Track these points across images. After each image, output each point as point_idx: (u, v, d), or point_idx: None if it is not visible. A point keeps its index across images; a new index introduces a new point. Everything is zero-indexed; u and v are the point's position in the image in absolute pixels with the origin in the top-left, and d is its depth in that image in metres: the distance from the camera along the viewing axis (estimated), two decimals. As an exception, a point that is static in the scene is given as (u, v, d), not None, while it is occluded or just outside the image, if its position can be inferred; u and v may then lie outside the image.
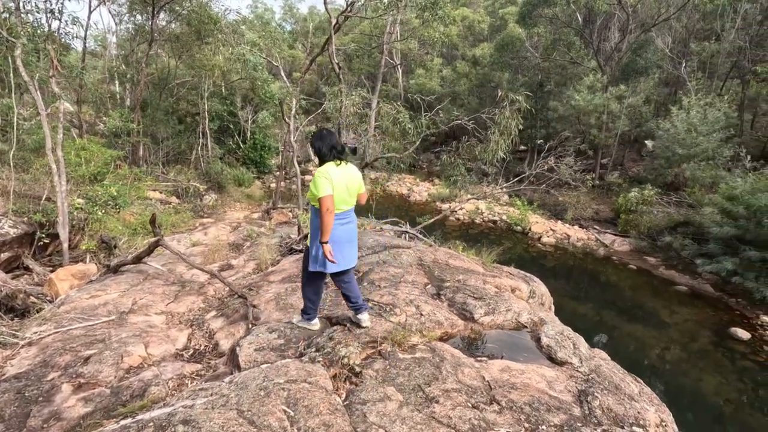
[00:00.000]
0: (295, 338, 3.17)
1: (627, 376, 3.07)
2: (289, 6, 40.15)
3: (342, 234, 2.85)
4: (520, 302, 3.96)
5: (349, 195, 2.87)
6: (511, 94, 5.91)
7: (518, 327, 3.58)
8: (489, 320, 3.56)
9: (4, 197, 6.52)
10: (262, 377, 2.29)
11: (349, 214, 2.92)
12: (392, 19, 9.92)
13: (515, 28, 21.19)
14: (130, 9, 14.17)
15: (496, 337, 3.40)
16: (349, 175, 2.84)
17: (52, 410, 2.43)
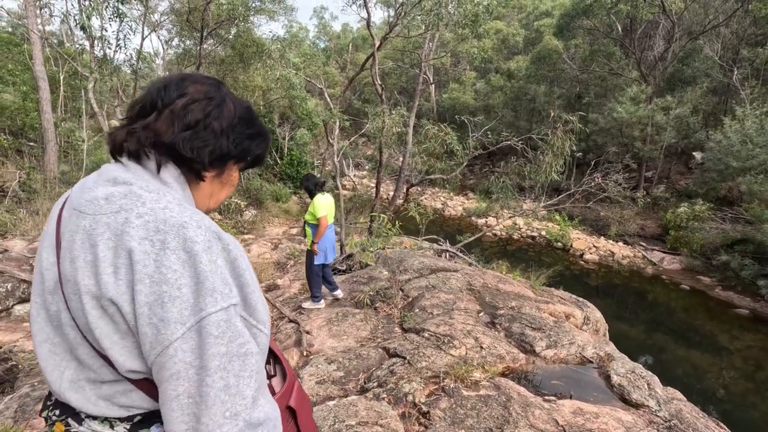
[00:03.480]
0: (354, 370, 3.14)
1: (710, 421, 2.85)
2: (323, 24, 41.33)
3: (332, 237, 4.48)
4: (582, 334, 3.79)
5: (330, 213, 4.36)
6: (564, 115, 5.77)
7: (583, 362, 3.41)
8: (552, 354, 3.41)
9: (68, 218, 6.91)
10: (332, 417, 2.27)
11: (331, 226, 4.45)
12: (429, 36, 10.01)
13: (551, 40, 20.86)
14: (180, 35, 14.96)
15: (561, 373, 3.24)
16: (329, 200, 4.35)
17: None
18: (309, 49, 19.33)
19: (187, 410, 0.61)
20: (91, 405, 0.70)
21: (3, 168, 8.89)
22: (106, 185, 0.69)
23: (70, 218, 0.69)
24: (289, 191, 19.26)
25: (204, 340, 0.62)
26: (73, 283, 0.65)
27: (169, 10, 16.52)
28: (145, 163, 0.73)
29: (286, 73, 9.54)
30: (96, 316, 0.63)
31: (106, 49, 4.86)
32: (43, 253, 0.73)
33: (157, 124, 0.73)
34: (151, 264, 0.61)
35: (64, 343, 0.70)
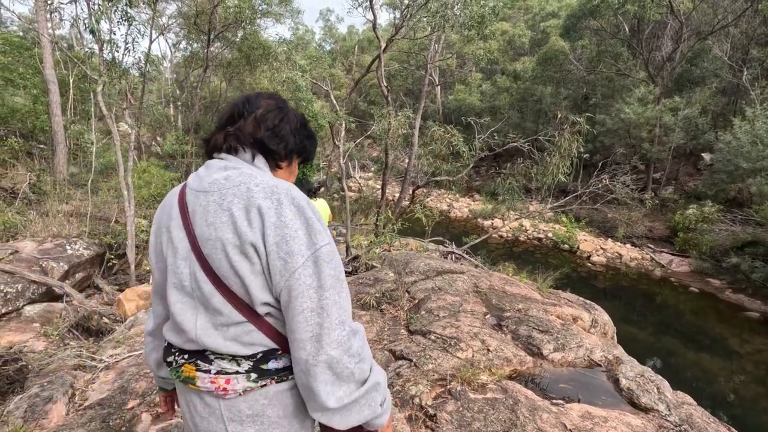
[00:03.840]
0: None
1: (721, 426, 2.81)
2: (329, 27, 41.47)
3: None
4: (590, 337, 3.75)
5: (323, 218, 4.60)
6: (571, 116, 5.72)
7: (591, 365, 3.38)
8: (559, 357, 3.38)
9: (78, 219, 7.00)
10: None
11: None
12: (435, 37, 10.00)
13: (558, 41, 20.76)
14: (187, 38, 15.09)
15: (569, 377, 3.22)
16: (322, 205, 4.57)
17: (135, 441, 2.50)
18: (315, 52, 19.41)
19: (311, 320, 0.83)
20: (222, 345, 0.87)
21: (14, 170, 9.01)
22: (220, 171, 0.92)
23: (197, 198, 0.90)
24: (295, 193, 19.33)
25: (319, 267, 0.84)
26: (214, 240, 0.85)
27: (176, 13, 16.68)
28: (241, 156, 0.97)
29: (293, 75, 9.57)
30: (239, 260, 0.83)
31: (115, 53, 4.93)
32: (173, 232, 0.92)
33: (247, 127, 0.98)
34: (274, 215, 0.84)
35: (193, 299, 0.90)
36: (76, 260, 5.80)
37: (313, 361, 0.83)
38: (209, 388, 0.88)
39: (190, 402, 0.93)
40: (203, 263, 0.87)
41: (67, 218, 7.06)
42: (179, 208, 0.93)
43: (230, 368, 0.88)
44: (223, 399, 0.89)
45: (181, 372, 0.91)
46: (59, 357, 3.56)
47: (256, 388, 0.89)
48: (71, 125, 10.33)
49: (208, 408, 0.90)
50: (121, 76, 5.06)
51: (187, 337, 0.90)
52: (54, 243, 5.95)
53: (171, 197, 0.99)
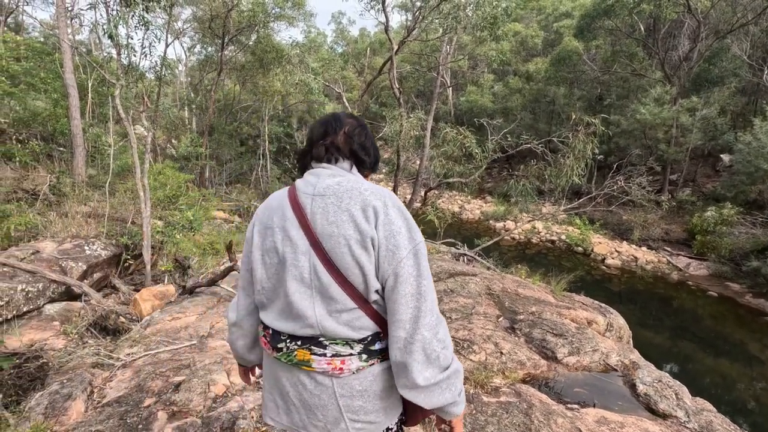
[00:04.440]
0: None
1: (742, 434, 2.74)
2: (341, 29, 41.68)
3: None
4: (606, 341, 3.70)
5: None
6: (586, 117, 5.64)
7: (607, 370, 3.33)
8: (574, 361, 3.34)
9: (96, 220, 7.14)
10: (352, 420, 2.27)
11: None
12: (447, 39, 9.98)
13: (571, 42, 20.54)
14: (202, 41, 15.31)
15: (584, 381, 3.17)
16: None
17: (151, 439, 2.53)
18: (327, 54, 19.53)
19: (412, 303, 0.98)
20: (337, 330, 1.02)
21: (35, 172, 9.23)
22: (331, 178, 1.08)
23: (314, 201, 1.04)
24: (306, 194, 19.45)
25: (418, 258, 1.00)
26: (337, 237, 0.99)
27: (191, 18, 16.95)
28: (340, 165, 1.13)
29: (305, 78, 9.64)
30: (361, 253, 0.98)
31: (132, 57, 5.02)
32: (290, 231, 1.05)
33: (339, 141, 1.13)
34: (383, 214, 1.00)
35: (311, 289, 1.02)
36: (94, 260, 5.91)
37: (410, 339, 0.97)
38: (325, 369, 1.03)
39: (298, 381, 1.07)
40: (323, 257, 1.01)
41: (85, 219, 7.21)
42: (294, 209, 1.06)
43: (344, 351, 1.03)
44: (336, 378, 1.04)
45: (294, 356, 1.05)
46: (78, 355, 3.63)
47: (366, 367, 1.05)
48: (89, 128, 10.55)
49: (320, 386, 1.05)
50: (138, 79, 5.15)
51: (306, 323, 1.03)
52: (73, 243, 6.08)
53: (277, 201, 1.12)
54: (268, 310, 1.12)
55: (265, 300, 1.12)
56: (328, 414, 1.06)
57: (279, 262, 1.06)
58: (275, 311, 1.09)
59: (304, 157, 1.18)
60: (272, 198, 1.15)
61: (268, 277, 1.10)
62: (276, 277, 1.08)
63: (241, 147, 17.55)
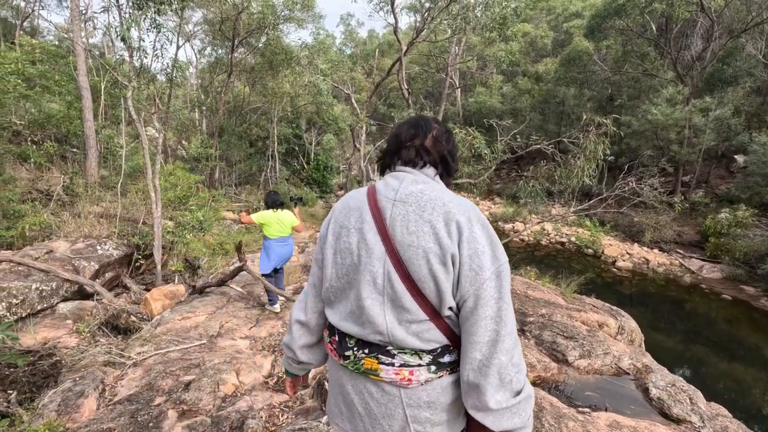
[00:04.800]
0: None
1: (758, 441, 2.68)
2: (350, 31, 41.81)
3: (278, 250, 4.79)
4: (617, 344, 3.64)
5: (282, 229, 4.74)
6: (597, 117, 5.57)
7: (619, 373, 3.28)
8: (585, 364, 3.30)
9: (107, 220, 7.24)
10: (361, 421, 2.26)
11: (283, 241, 4.81)
12: (456, 40, 9.94)
13: (582, 42, 20.37)
14: (212, 44, 15.46)
15: (595, 384, 3.13)
16: (281, 216, 4.72)
17: (162, 437, 2.55)
18: (335, 56, 19.60)
19: (491, 326, 0.95)
20: (406, 339, 0.99)
21: (49, 173, 9.39)
22: (414, 184, 1.05)
23: (394, 207, 1.02)
24: (315, 195, 19.52)
25: (501, 280, 0.97)
26: (416, 248, 0.97)
27: (202, 20, 17.13)
28: (425, 171, 1.11)
29: (314, 79, 9.67)
30: (439, 268, 0.95)
31: (144, 59, 5.08)
32: (367, 234, 1.03)
33: (427, 144, 1.12)
34: (467, 231, 0.96)
35: (383, 296, 1.00)
36: (106, 260, 5.99)
37: (486, 362, 0.95)
38: (393, 379, 1.01)
39: (364, 389, 1.06)
40: (399, 266, 0.98)
41: (97, 219, 7.31)
42: (372, 213, 1.04)
43: (413, 361, 1.01)
44: (404, 388, 1.02)
45: (362, 364, 1.04)
46: (90, 353, 3.68)
47: (435, 379, 1.02)
48: (102, 130, 10.71)
49: (387, 395, 1.03)
50: (150, 81, 5.21)
51: (375, 329, 1.01)
52: (85, 243, 6.16)
53: (356, 202, 1.10)
54: (335, 309, 1.11)
55: (333, 298, 1.11)
56: (393, 424, 1.04)
57: (352, 263, 1.05)
58: (343, 312, 1.08)
59: (390, 157, 1.15)
60: (351, 198, 1.13)
61: (338, 276, 1.08)
62: (347, 278, 1.06)
63: (251, 148, 17.68)
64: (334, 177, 22.24)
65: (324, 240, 1.14)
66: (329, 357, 1.17)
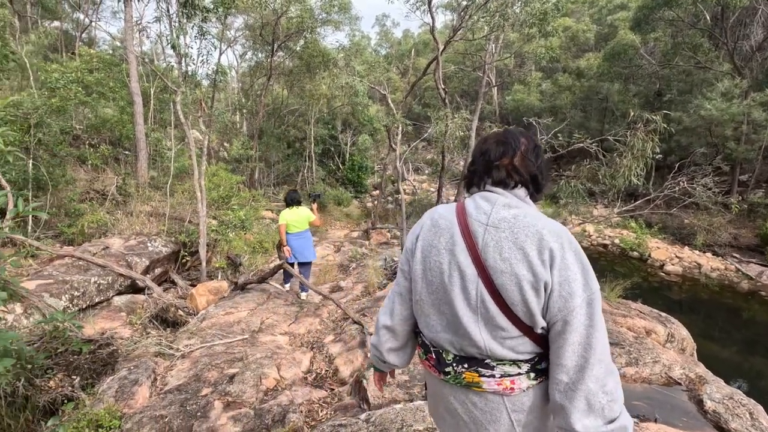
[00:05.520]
0: (419, 375, 3.13)
1: (830, 462, 2.47)
2: (385, 32, 41.96)
3: (293, 243, 5.34)
4: (667, 352, 3.47)
5: (298, 224, 5.32)
6: (646, 113, 5.30)
7: (669, 383, 3.12)
8: (632, 372, 3.16)
9: (156, 219, 7.65)
10: (399, 421, 2.27)
11: (299, 235, 5.36)
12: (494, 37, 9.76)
13: (627, 35, 19.43)
14: (253, 48, 15.97)
15: (643, 394, 2.99)
16: (297, 213, 5.31)
17: (209, 426, 2.67)
18: (371, 57, 19.73)
19: (578, 352, 0.96)
20: (503, 353, 1.03)
21: (104, 174, 10.02)
22: (506, 209, 1.06)
23: (487, 232, 1.04)
24: (350, 195, 19.74)
25: (592, 308, 0.97)
26: (509, 274, 0.99)
27: (243, 26, 17.74)
28: (515, 192, 1.10)
29: (351, 81, 9.79)
30: (531, 295, 0.97)
31: (191, 65, 5.35)
32: (458, 256, 1.06)
33: (517, 162, 1.10)
34: (559, 258, 0.97)
35: (476, 315, 1.04)
36: (155, 256, 6.33)
37: (573, 387, 0.96)
38: (496, 389, 1.06)
39: (467, 400, 1.11)
40: (491, 289, 1.01)
41: (147, 218, 7.73)
42: (464, 236, 1.07)
43: (512, 371, 1.05)
44: (507, 396, 1.06)
45: (463, 378, 1.09)
46: (143, 344, 3.90)
47: (535, 385, 1.06)
48: (151, 133, 11.31)
49: (491, 404, 1.08)
50: (197, 86, 5.45)
51: (472, 343, 1.05)
52: (137, 240, 6.54)
53: (445, 222, 1.12)
54: (429, 323, 1.14)
55: (425, 311, 1.14)
56: (500, 429, 1.08)
57: (442, 282, 1.08)
58: (438, 324, 1.12)
59: (479, 177, 1.15)
60: (440, 216, 1.15)
61: (429, 292, 1.12)
62: (437, 294, 1.10)
63: (288, 149, 18.12)
64: (368, 177, 22.39)
65: (411, 254, 1.17)
66: (427, 372, 1.21)
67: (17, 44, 10.58)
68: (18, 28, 13.16)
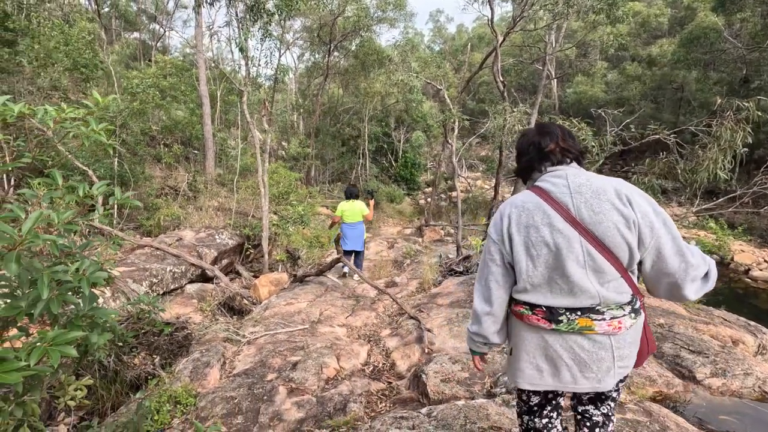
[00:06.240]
0: (479, 372, 3.06)
1: None
2: (438, 28, 41.46)
3: (347, 232, 5.92)
4: (762, 365, 3.12)
5: (352, 215, 5.88)
6: (737, 100, 4.78)
7: (764, 398, 2.81)
8: (719, 384, 2.88)
9: (223, 213, 8.13)
10: (462, 417, 2.23)
11: (352, 226, 5.93)
12: (556, 26, 9.29)
13: (708, 17, 17.72)
14: (310, 49, 16.46)
15: (732, 408, 2.72)
16: (352, 205, 5.89)
17: (274, 410, 2.79)
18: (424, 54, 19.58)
19: (677, 257, 1.24)
20: (610, 296, 1.26)
21: (176, 171, 10.81)
22: (576, 177, 1.31)
23: (572, 198, 1.27)
24: (402, 192, 19.76)
25: (668, 225, 1.25)
26: (606, 223, 1.22)
27: (301, 28, 18.32)
28: (572, 165, 1.38)
29: (407, 78, 9.77)
30: (627, 233, 1.22)
31: (256, 67, 5.63)
32: (557, 224, 1.26)
33: (563, 144, 1.39)
34: (633, 199, 1.25)
35: (584, 269, 1.25)
36: (223, 248, 6.72)
37: (683, 275, 1.25)
38: (606, 330, 1.27)
39: (574, 344, 1.30)
40: (594, 241, 1.24)
41: (215, 212, 8.24)
42: (554, 208, 1.29)
43: (619, 313, 1.27)
44: (614, 335, 1.29)
45: (576, 324, 1.28)
46: (212, 329, 4.16)
47: (634, 323, 1.31)
48: (218, 133, 12.03)
49: (598, 344, 1.29)
50: (259, 87, 5.70)
51: (588, 295, 1.26)
52: (206, 233, 6.98)
53: (531, 204, 1.32)
54: (538, 293, 1.32)
55: (532, 285, 1.32)
56: (602, 366, 1.30)
57: (550, 252, 1.27)
58: (549, 292, 1.30)
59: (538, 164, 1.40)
60: (522, 203, 1.33)
61: (536, 265, 1.29)
62: (546, 264, 1.28)
63: (343, 147, 18.48)
64: (421, 174, 22.27)
65: (506, 242, 1.34)
66: (526, 329, 1.37)
67: (105, 54, 11.67)
68: (105, 40, 14.52)
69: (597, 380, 1.32)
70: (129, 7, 22.93)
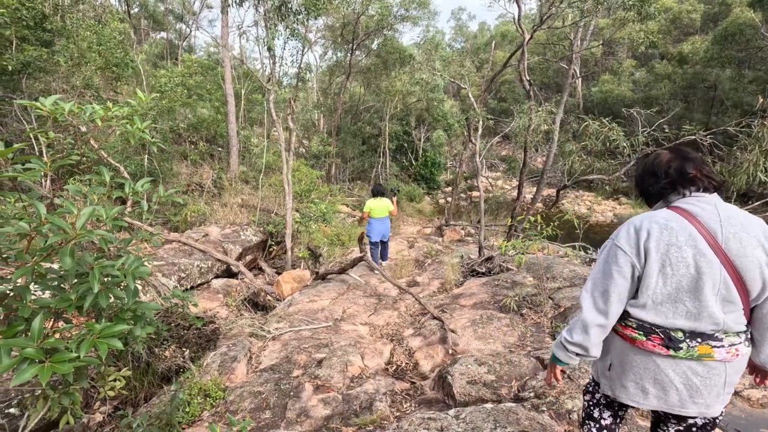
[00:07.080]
0: (506, 375, 3.03)
1: None
2: (460, 26, 41.10)
3: (376, 226, 6.45)
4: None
5: (380, 211, 6.40)
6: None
7: (808, 413, 2.68)
8: (759, 396, 2.77)
9: (247, 210, 8.26)
10: (492, 421, 2.21)
11: (381, 220, 6.47)
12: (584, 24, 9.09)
13: (744, 13, 17.03)
14: (333, 48, 16.56)
15: (774, 422, 2.61)
16: (380, 202, 6.40)
17: (301, 406, 2.82)
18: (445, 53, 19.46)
19: None
20: (732, 325, 1.30)
21: (201, 168, 11.03)
22: (725, 209, 1.34)
23: (722, 227, 1.30)
24: (422, 192, 19.69)
25: None
26: (751, 258, 1.27)
27: (323, 27, 18.43)
28: (714, 194, 1.39)
29: (429, 77, 9.72)
30: (766, 270, 1.27)
31: (282, 66, 5.70)
32: (702, 249, 1.29)
33: (707, 172, 1.41)
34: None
35: (716, 296, 1.29)
36: (247, 244, 6.83)
37: None
38: (724, 357, 1.31)
39: (688, 370, 1.33)
40: (733, 272, 1.28)
41: (239, 209, 8.38)
42: (702, 234, 1.31)
43: (737, 341, 1.31)
44: (729, 362, 1.32)
45: (696, 351, 1.31)
46: (239, 324, 4.23)
47: (747, 351, 1.35)
48: (242, 131, 12.22)
49: (713, 370, 1.32)
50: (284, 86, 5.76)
51: (714, 321, 1.30)
52: (231, 229, 7.11)
53: (675, 224, 1.34)
54: (658, 311, 1.35)
55: (654, 302, 1.35)
56: (712, 391, 1.33)
57: (688, 273, 1.30)
58: (671, 312, 1.33)
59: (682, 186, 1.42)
60: (666, 221, 1.35)
61: (665, 284, 1.32)
62: (677, 285, 1.31)
63: (363, 145, 18.52)
64: (441, 173, 22.14)
65: (642, 256, 1.35)
66: (636, 352, 1.40)
67: (134, 54, 11.99)
68: (134, 40, 14.92)
69: (706, 405, 1.34)
70: (157, 8, 23.52)
